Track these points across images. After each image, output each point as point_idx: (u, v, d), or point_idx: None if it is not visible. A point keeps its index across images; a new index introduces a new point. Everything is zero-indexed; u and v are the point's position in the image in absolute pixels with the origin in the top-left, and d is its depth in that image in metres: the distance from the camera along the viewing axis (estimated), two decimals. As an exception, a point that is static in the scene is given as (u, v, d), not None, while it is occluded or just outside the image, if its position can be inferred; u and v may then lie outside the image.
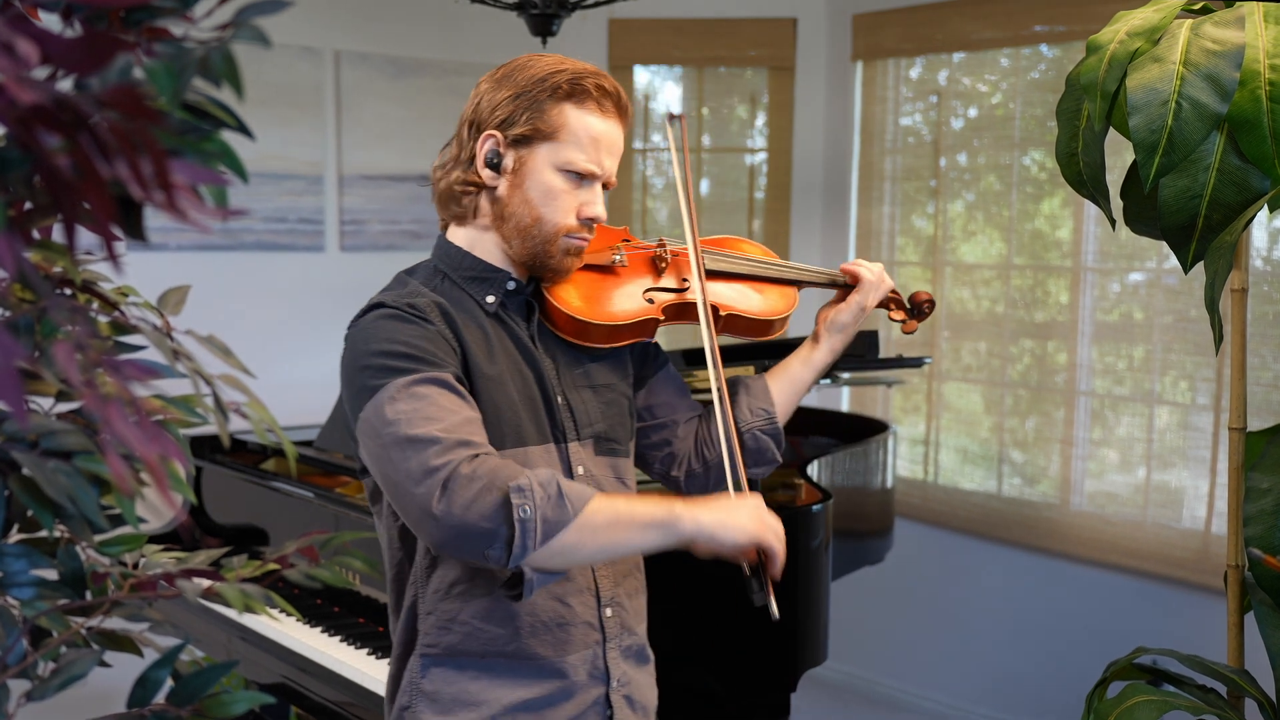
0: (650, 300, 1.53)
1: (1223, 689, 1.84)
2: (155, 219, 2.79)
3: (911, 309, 1.73)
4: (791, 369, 1.64)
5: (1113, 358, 3.40)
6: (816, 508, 2.21)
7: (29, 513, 0.75)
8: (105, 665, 0.77)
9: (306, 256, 3.58)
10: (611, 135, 1.42)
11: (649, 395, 1.60)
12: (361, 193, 3.65)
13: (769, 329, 1.63)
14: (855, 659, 3.89)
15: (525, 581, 1.27)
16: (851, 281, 1.65)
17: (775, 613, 1.34)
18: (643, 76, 4.17)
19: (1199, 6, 1.81)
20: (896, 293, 1.71)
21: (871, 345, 2.76)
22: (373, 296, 1.41)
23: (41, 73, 0.59)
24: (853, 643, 3.80)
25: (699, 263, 1.53)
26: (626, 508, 1.29)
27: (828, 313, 1.64)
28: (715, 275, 1.61)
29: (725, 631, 2.08)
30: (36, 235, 0.71)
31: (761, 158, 4.15)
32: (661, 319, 1.54)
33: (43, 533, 0.78)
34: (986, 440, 3.71)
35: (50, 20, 0.67)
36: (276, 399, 1.55)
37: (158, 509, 2.63)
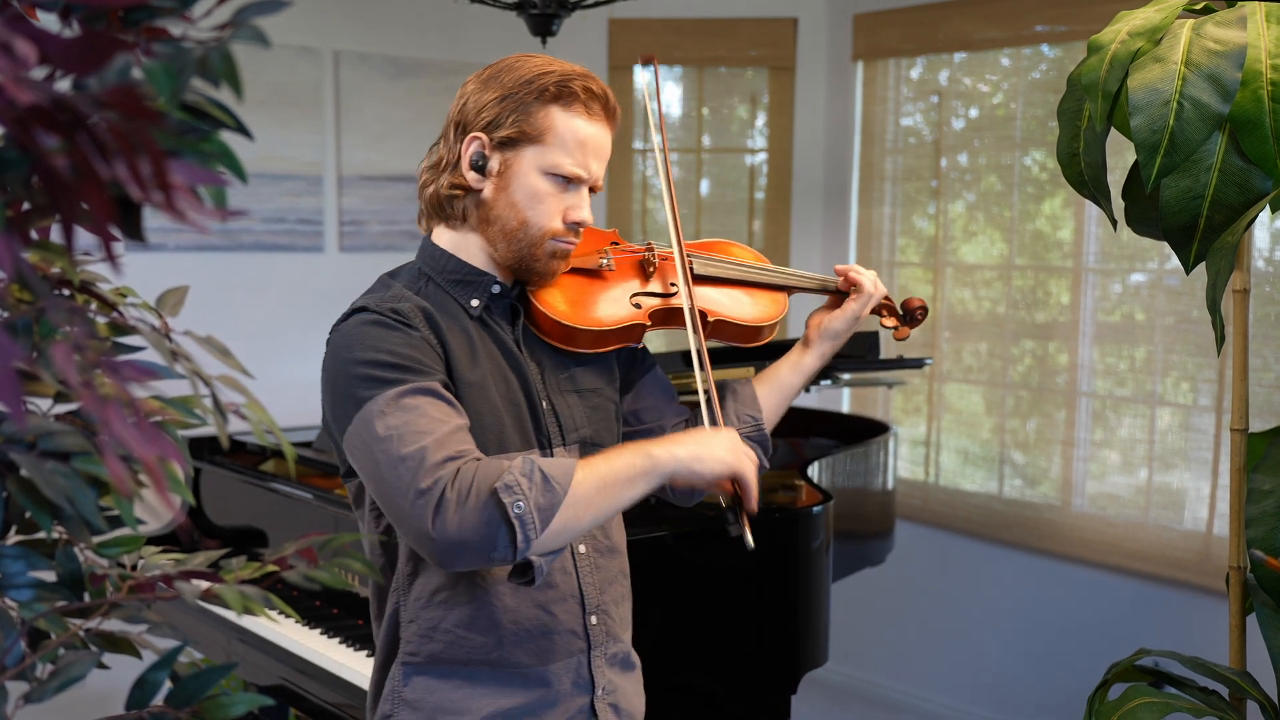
0: (637, 305, 1.52)
1: (1224, 691, 1.84)
2: (154, 219, 2.79)
3: (904, 315, 1.71)
4: (780, 374, 1.63)
5: (1114, 359, 3.39)
6: (817, 509, 2.21)
7: (27, 514, 0.75)
8: (104, 667, 0.77)
9: (305, 257, 3.57)
10: (599, 139, 1.40)
11: (636, 399, 1.58)
12: (361, 193, 3.65)
13: (758, 335, 1.61)
14: (856, 661, 3.89)
15: (535, 567, 1.26)
16: (845, 287, 1.62)
17: (750, 543, 1.35)
18: (642, 77, 4.17)
19: (1201, 6, 1.81)
20: (889, 299, 1.69)
21: (872, 346, 2.76)
22: (355, 300, 1.40)
23: (40, 73, 0.58)
24: (853, 644, 3.80)
25: (684, 265, 1.51)
26: (608, 468, 1.29)
27: (820, 319, 1.62)
28: (704, 280, 1.60)
29: (726, 633, 2.08)
30: (35, 236, 0.70)
31: (762, 158, 4.14)
32: (648, 324, 1.52)
33: (41, 534, 0.78)
34: (987, 441, 3.70)
35: (48, 20, 0.67)
36: (275, 400, 1.55)
37: (156, 510, 2.63)
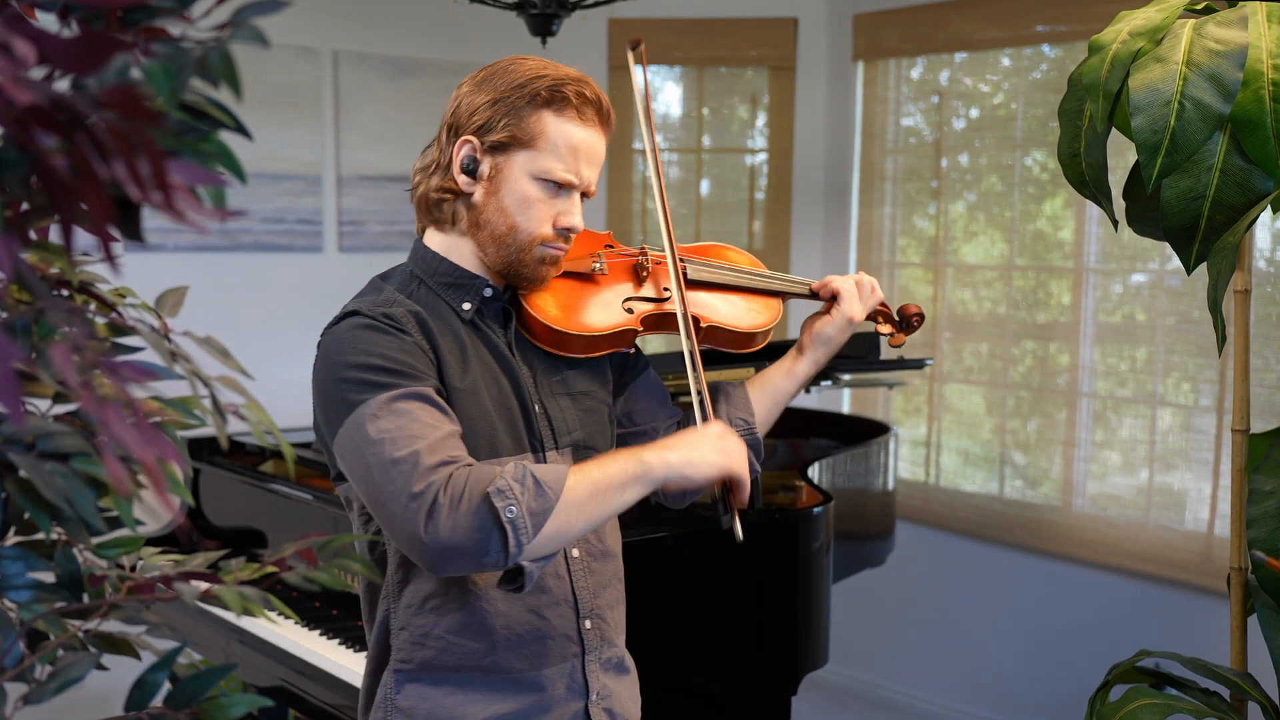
0: (629, 310, 1.51)
1: (1226, 692, 1.84)
2: (153, 220, 2.78)
3: (900, 322, 1.70)
4: (773, 379, 1.62)
5: (1115, 359, 3.39)
6: (817, 510, 2.21)
7: (26, 515, 0.75)
8: (103, 668, 0.77)
9: (305, 257, 3.57)
10: (591, 144, 1.39)
11: (629, 401, 1.58)
12: (360, 193, 3.65)
13: (751, 341, 1.60)
14: (856, 662, 3.89)
15: (525, 574, 1.26)
16: (826, 297, 1.62)
17: (739, 535, 1.35)
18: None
19: (1202, 6, 1.81)
20: (885, 305, 1.69)
21: (873, 347, 2.76)
22: (347, 303, 1.39)
23: (38, 73, 0.58)
24: (854, 646, 3.80)
25: (677, 272, 1.51)
26: (600, 474, 1.29)
27: (814, 324, 1.61)
28: (698, 285, 1.59)
29: (726, 634, 2.08)
30: (34, 236, 0.70)
31: (762, 158, 4.14)
32: (640, 329, 1.51)
33: (40, 535, 0.77)
34: (988, 442, 3.70)
35: (47, 20, 0.67)
36: (275, 401, 1.55)
37: (155, 511, 2.63)
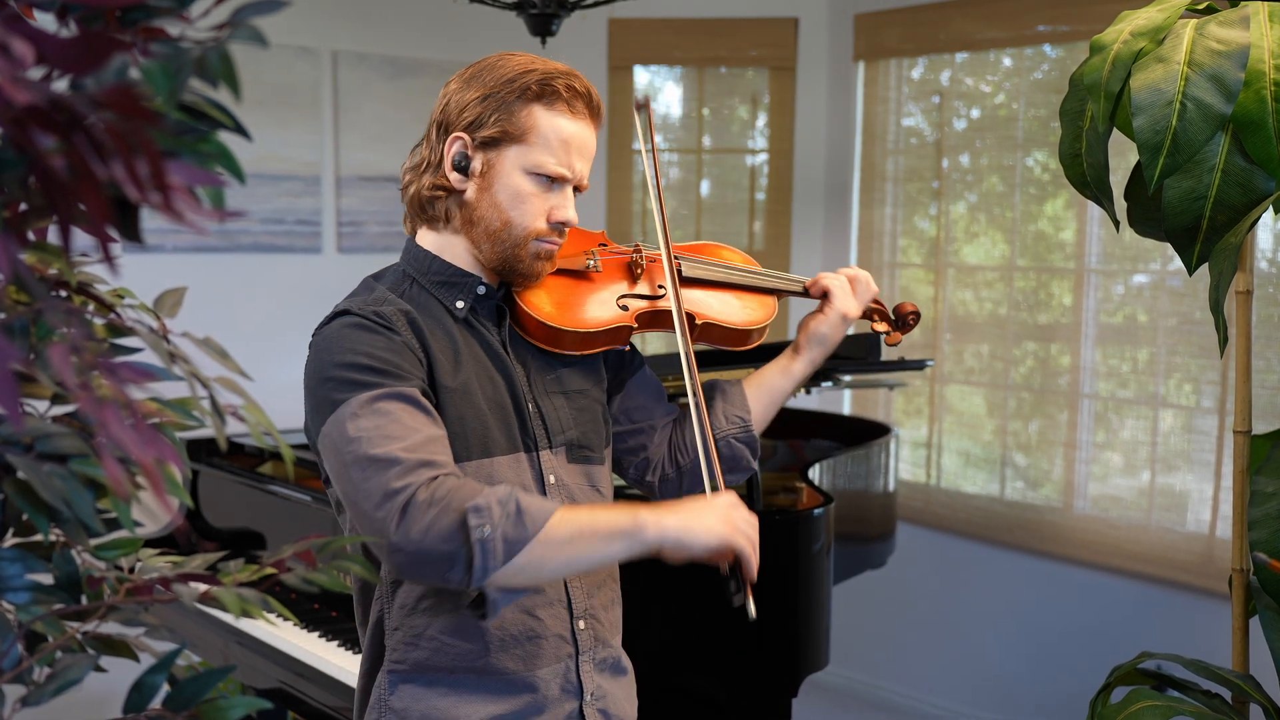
0: (624, 307, 1.50)
1: (1227, 694, 1.84)
2: (151, 220, 2.77)
3: (896, 320, 1.70)
4: (770, 378, 1.61)
5: (1116, 360, 3.39)
6: (818, 511, 2.20)
7: (24, 516, 0.75)
8: (101, 670, 0.76)
9: (304, 258, 3.57)
10: (582, 137, 1.39)
11: (625, 399, 1.57)
12: (359, 194, 3.65)
13: (747, 339, 1.60)
14: (857, 664, 3.89)
15: (489, 601, 1.24)
16: (817, 295, 1.61)
17: (753, 613, 1.32)
18: (643, 76, 4.17)
19: (1203, 6, 1.81)
20: (880, 303, 1.68)
21: (873, 348, 2.76)
22: (338, 303, 1.38)
23: (37, 73, 0.58)
24: (854, 647, 3.79)
25: (672, 268, 1.50)
26: (589, 520, 1.25)
27: (809, 323, 1.61)
28: (693, 282, 1.58)
29: (726, 636, 2.07)
30: (32, 237, 0.70)
31: (762, 159, 4.14)
32: (635, 327, 1.50)
33: (38, 537, 0.77)
34: (989, 443, 3.70)
35: (45, 20, 0.67)
36: (273, 402, 1.54)
37: (154, 513, 2.62)
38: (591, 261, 1.51)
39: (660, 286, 1.54)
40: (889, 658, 3.85)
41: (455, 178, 1.38)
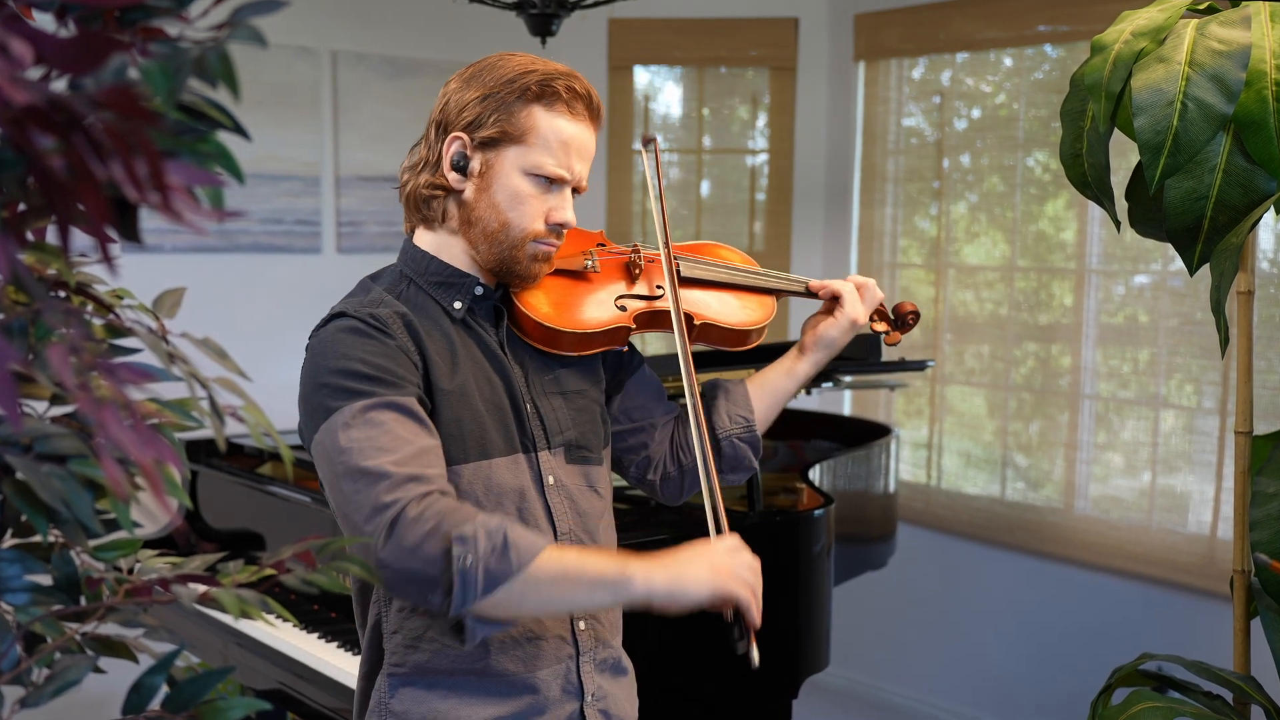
0: (622, 308, 1.50)
1: (1229, 695, 1.83)
2: (150, 221, 2.77)
3: (896, 320, 1.70)
4: (773, 379, 1.61)
5: (1117, 361, 3.38)
6: (818, 512, 2.20)
7: (23, 517, 0.74)
8: (100, 671, 0.76)
9: (303, 258, 3.56)
10: (582, 139, 1.38)
11: (625, 399, 1.57)
12: (358, 194, 3.64)
13: (745, 339, 1.60)
14: (857, 665, 3.88)
15: (467, 629, 1.23)
16: (827, 298, 1.61)
17: (755, 661, 1.31)
18: (643, 76, 4.17)
19: (1204, 6, 1.81)
20: (882, 304, 1.68)
21: (874, 348, 2.75)
22: (335, 304, 1.38)
23: (35, 73, 0.58)
24: (855, 648, 3.79)
25: (671, 273, 1.50)
26: (577, 563, 1.23)
27: (816, 326, 1.60)
28: (691, 283, 1.58)
29: (726, 637, 2.07)
30: (31, 237, 0.70)
31: (763, 159, 4.14)
32: (634, 327, 1.50)
33: (37, 537, 0.77)
34: (990, 444, 3.69)
35: (44, 20, 0.66)
36: (273, 402, 1.54)
37: (153, 514, 2.62)
38: (590, 262, 1.51)
39: (658, 287, 1.54)
40: (889, 659, 3.85)
41: (453, 177, 1.38)
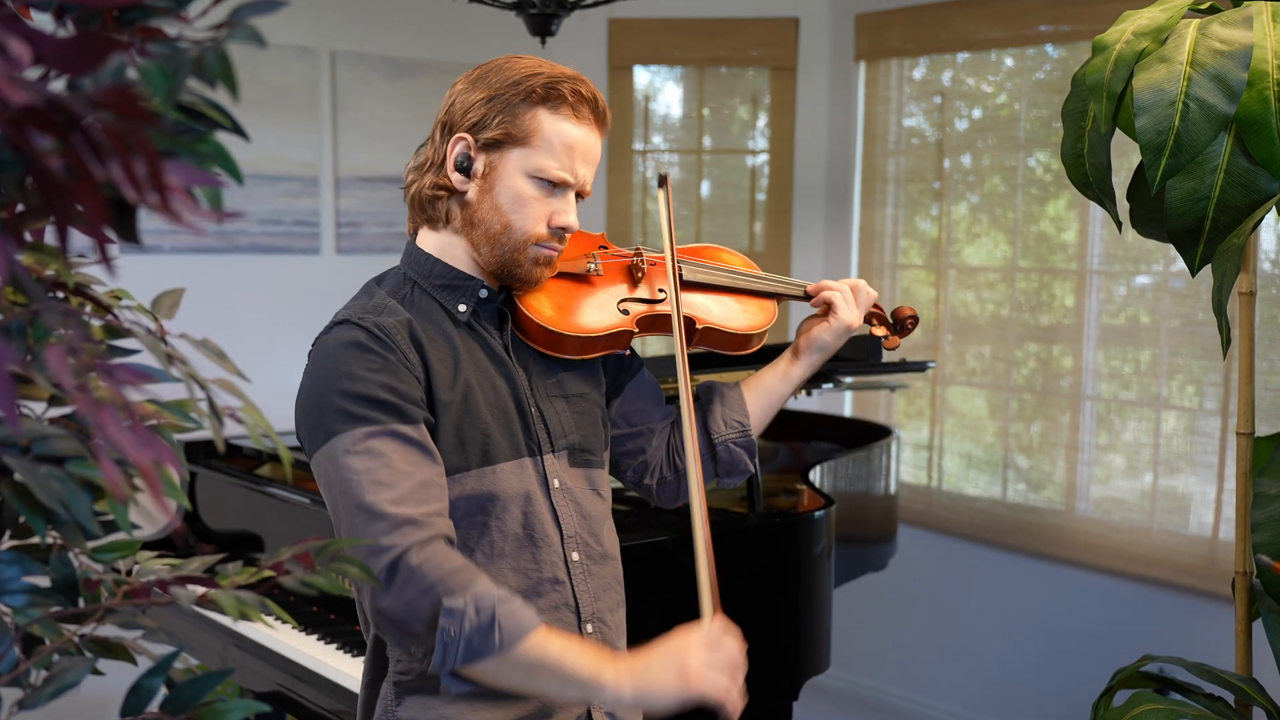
0: (625, 311, 1.50)
1: (1230, 697, 1.83)
2: (149, 221, 2.78)
3: (894, 325, 1.70)
4: (768, 382, 1.62)
5: (1119, 361, 3.38)
6: (819, 514, 2.20)
7: (21, 519, 0.74)
8: (98, 673, 0.76)
9: (302, 259, 3.56)
10: (586, 142, 1.38)
11: (625, 402, 1.57)
12: (358, 195, 3.64)
13: (746, 343, 1.60)
14: (858, 667, 3.88)
15: (442, 682, 1.25)
16: (818, 305, 1.61)
17: None
18: (643, 77, 4.16)
19: (1206, 6, 1.80)
20: (879, 308, 1.69)
21: (874, 349, 2.75)
22: (340, 310, 1.38)
23: (34, 73, 0.58)
24: (855, 650, 3.79)
25: (674, 272, 1.50)
26: (557, 656, 1.23)
27: (810, 330, 1.60)
28: (693, 286, 1.58)
29: None
30: (29, 237, 0.70)
31: (763, 159, 4.13)
32: (636, 331, 1.51)
33: (35, 539, 0.77)
34: (991, 445, 3.69)
35: (43, 20, 0.66)
36: (272, 403, 1.53)
37: (151, 515, 2.62)
38: (593, 265, 1.51)
39: (661, 290, 1.54)
40: (890, 660, 3.85)
41: (457, 178, 1.37)
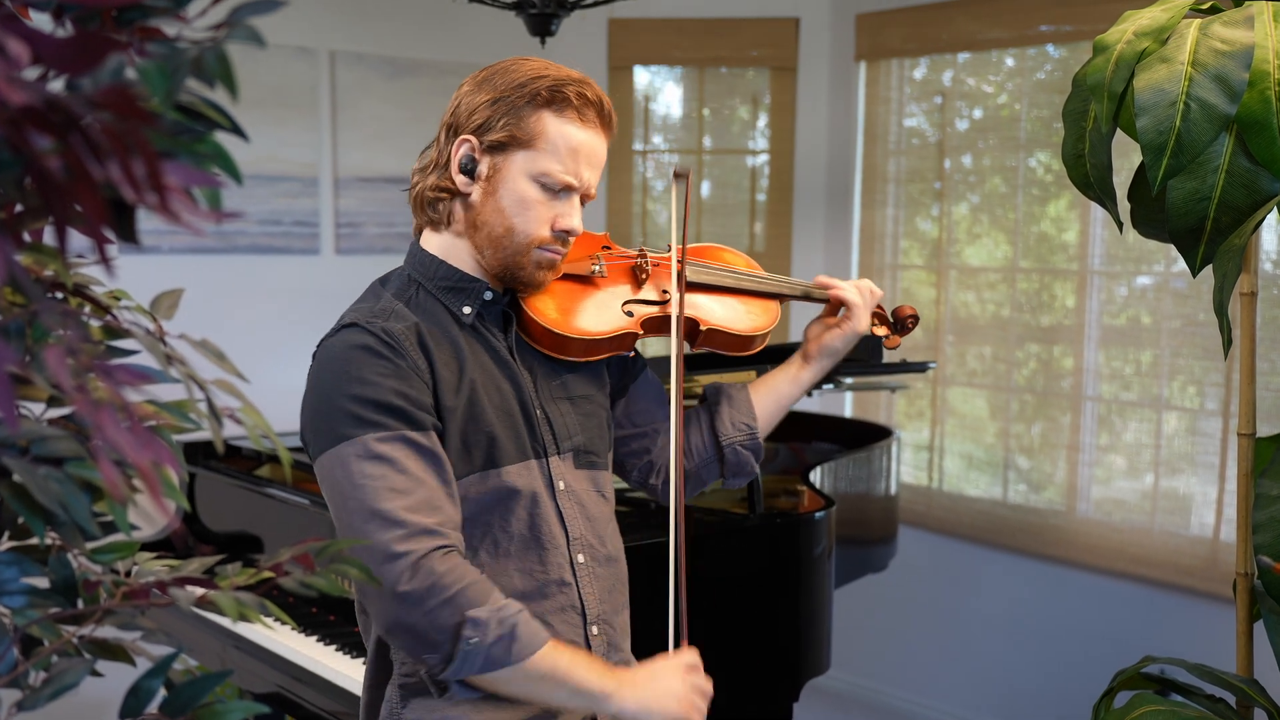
0: (629, 313, 1.50)
1: (1231, 699, 1.83)
2: (148, 221, 2.78)
3: (895, 324, 1.70)
4: (778, 385, 1.62)
5: (1120, 362, 3.38)
6: (819, 515, 2.20)
7: (20, 520, 0.74)
8: (97, 674, 0.76)
9: (301, 259, 3.56)
10: (591, 146, 1.38)
11: (629, 404, 1.57)
12: (357, 195, 3.64)
13: (750, 344, 1.60)
14: (858, 668, 3.88)
15: (450, 689, 1.28)
16: (834, 301, 1.62)
17: None
18: (643, 77, 4.16)
19: (1207, 6, 1.80)
20: (881, 307, 1.69)
21: (875, 350, 2.75)
22: (346, 312, 1.38)
23: (32, 73, 0.58)
24: (856, 652, 3.78)
25: (679, 278, 1.50)
26: (567, 668, 1.28)
27: (821, 335, 1.61)
28: (697, 287, 1.58)
29: (727, 640, 2.06)
30: (27, 238, 0.69)
31: (763, 159, 4.13)
32: (640, 333, 1.51)
33: (34, 540, 0.77)
34: (992, 446, 3.69)
35: (41, 20, 0.66)
36: (271, 404, 1.53)
37: (150, 516, 2.61)
38: (597, 267, 1.51)
39: (665, 291, 1.54)
40: (890, 662, 3.85)
41: (461, 180, 1.37)
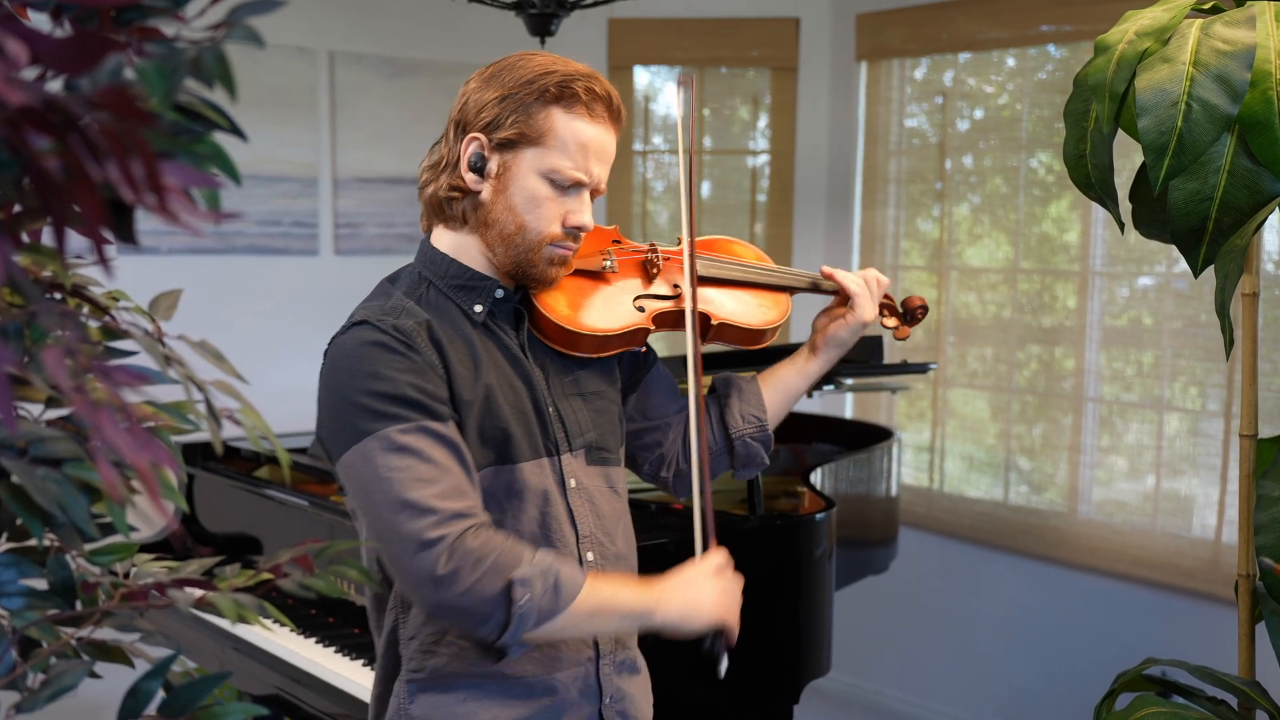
0: (640, 309, 1.50)
1: (1233, 700, 1.82)
2: (146, 222, 2.78)
3: (905, 315, 1.70)
4: (785, 377, 1.62)
5: (1121, 363, 3.38)
6: (819, 516, 2.19)
7: (18, 521, 0.74)
8: (96, 676, 0.76)
9: (300, 260, 3.56)
10: (601, 141, 1.37)
11: (642, 398, 1.58)
12: (356, 195, 3.64)
13: (761, 338, 1.60)
14: (859, 670, 3.87)
15: (509, 649, 1.30)
16: (838, 292, 1.62)
17: (722, 673, 1.40)
18: (643, 77, 4.16)
19: (1209, 6, 1.80)
20: (890, 298, 1.69)
21: (875, 351, 2.74)
22: (356, 309, 1.37)
23: (31, 73, 0.57)
24: (856, 653, 3.78)
25: (692, 273, 1.50)
26: (610, 597, 1.33)
27: (827, 326, 1.60)
28: (708, 281, 1.58)
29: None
30: (26, 238, 0.69)
31: (764, 160, 4.13)
32: (652, 328, 1.50)
33: (32, 541, 0.77)
34: (993, 447, 3.68)
35: (40, 20, 0.66)
36: (270, 405, 1.53)
37: (149, 517, 2.61)
38: (608, 262, 1.50)
39: (676, 286, 1.54)
40: (891, 664, 3.84)
41: (471, 178, 1.37)
